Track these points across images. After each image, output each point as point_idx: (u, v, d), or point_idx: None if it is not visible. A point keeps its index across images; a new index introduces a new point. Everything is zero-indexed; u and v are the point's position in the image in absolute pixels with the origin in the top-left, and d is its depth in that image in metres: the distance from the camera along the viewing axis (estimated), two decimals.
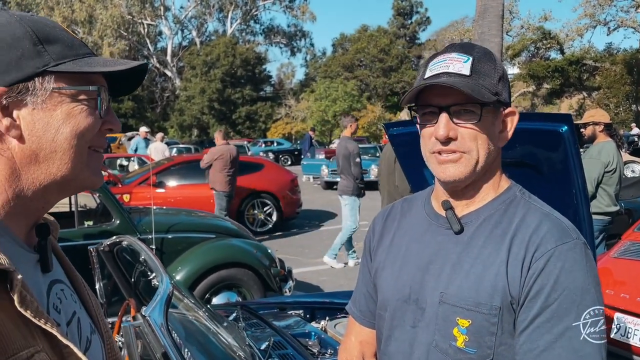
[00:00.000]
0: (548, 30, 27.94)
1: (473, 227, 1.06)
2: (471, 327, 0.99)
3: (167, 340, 1.43)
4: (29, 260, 0.77)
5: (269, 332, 2.35)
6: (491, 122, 1.03)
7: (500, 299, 0.98)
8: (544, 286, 0.95)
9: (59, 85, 0.74)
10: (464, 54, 1.01)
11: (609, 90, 23.55)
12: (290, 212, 9.55)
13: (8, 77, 0.71)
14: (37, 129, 0.73)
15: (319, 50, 56.85)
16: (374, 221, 1.27)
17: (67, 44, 0.76)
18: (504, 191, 1.09)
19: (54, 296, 0.79)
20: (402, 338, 1.10)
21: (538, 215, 1.03)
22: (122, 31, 39.70)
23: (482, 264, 1.01)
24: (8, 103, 0.72)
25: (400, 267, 1.13)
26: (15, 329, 0.66)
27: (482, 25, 8.81)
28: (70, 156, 0.75)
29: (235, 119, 39.75)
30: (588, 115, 4.74)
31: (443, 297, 1.03)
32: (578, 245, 0.98)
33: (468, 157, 1.02)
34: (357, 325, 1.27)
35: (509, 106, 1.06)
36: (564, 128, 1.96)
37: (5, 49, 0.71)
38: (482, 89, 0.99)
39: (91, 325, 0.87)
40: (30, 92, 0.72)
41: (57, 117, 0.74)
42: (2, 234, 0.71)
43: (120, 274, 2.52)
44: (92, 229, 4.43)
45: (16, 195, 0.74)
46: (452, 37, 33.86)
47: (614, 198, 4.53)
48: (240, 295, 4.57)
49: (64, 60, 0.75)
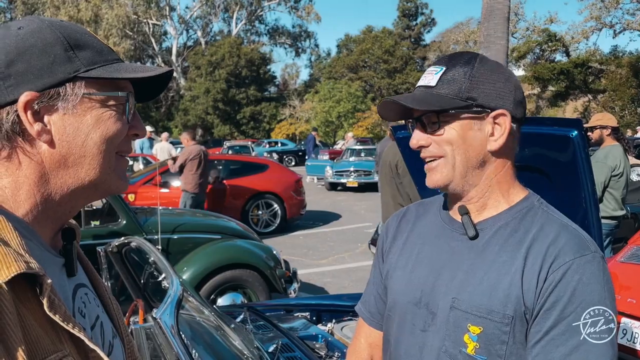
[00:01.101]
0: (554, 33, 27.86)
1: (488, 234, 1.06)
2: (482, 335, 0.99)
3: (177, 343, 1.43)
4: (56, 264, 0.77)
5: (276, 334, 2.35)
6: (467, 126, 1.03)
7: (514, 308, 0.97)
8: (560, 298, 0.95)
9: (89, 91, 0.75)
10: (441, 65, 1.06)
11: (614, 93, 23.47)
12: (295, 213, 9.55)
13: (40, 82, 0.72)
14: (67, 134, 0.74)
15: (324, 51, 56.99)
16: (388, 223, 1.27)
17: (97, 49, 0.77)
18: (522, 200, 1.08)
19: (78, 300, 0.80)
20: (411, 342, 1.10)
21: (556, 226, 1.03)
22: (127, 31, 39.81)
23: (497, 271, 1.01)
24: (39, 108, 0.72)
25: (412, 269, 1.13)
26: (44, 333, 0.66)
27: (488, 27, 8.78)
28: (99, 161, 0.76)
29: (240, 119, 39.79)
30: (595, 118, 4.73)
31: (455, 303, 1.03)
32: (596, 258, 0.98)
33: (444, 161, 1.05)
34: (367, 327, 1.27)
35: (497, 109, 1.03)
36: (574, 133, 1.95)
37: (37, 55, 0.72)
38: (440, 97, 1.02)
39: (113, 330, 0.88)
40: (61, 97, 0.73)
41: (87, 122, 0.75)
42: (30, 238, 0.72)
43: (128, 274, 2.53)
44: (99, 229, 4.45)
45: (44, 200, 0.75)
46: (457, 38, 33.83)
47: (620, 202, 4.52)
48: (245, 296, 4.58)
49: (94, 66, 0.75)
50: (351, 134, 22.02)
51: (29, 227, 0.73)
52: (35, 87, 0.71)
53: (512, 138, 1.06)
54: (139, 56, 43.85)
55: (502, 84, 1.04)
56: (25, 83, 0.71)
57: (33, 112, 0.72)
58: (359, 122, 33.58)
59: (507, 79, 1.05)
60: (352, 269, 6.94)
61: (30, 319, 0.65)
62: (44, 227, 0.76)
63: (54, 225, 0.78)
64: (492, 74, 1.04)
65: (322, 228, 9.89)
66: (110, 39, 38.01)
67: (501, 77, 1.05)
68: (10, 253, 0.64)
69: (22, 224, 0.72)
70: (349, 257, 7.56)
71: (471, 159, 1.04)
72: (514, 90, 1.06)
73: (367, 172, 15.08)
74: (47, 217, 0.76)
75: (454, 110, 1.02)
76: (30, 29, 0.74)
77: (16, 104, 0.71)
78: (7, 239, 0.66)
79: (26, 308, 0.65)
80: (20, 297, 0.65)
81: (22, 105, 0.71)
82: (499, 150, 1.05)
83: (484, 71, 1.04)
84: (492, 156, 1.06)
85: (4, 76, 0.71)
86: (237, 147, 23.18)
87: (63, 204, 0.77)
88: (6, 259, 0.63)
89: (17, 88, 0.71)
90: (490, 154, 1.05)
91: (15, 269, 0.63)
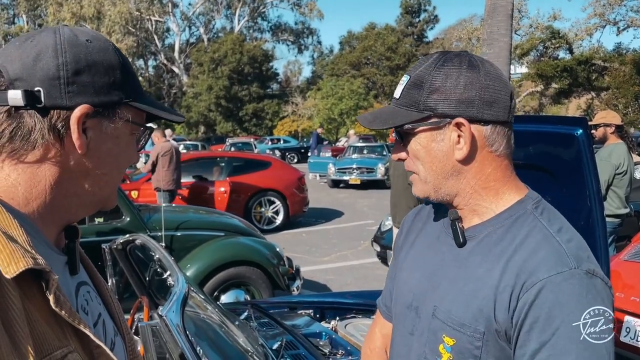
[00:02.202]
0: (557, 30, 27.73)
1: (474, 243, 1.02)
2: (455, 347, 0.98)
3: (183, 340, 1.44)
4: (59, 261, 0.78)
5: (280, 331, 2.36)
6: (430, 138, 0.99)
7: (485, 324, 0.94)
8: (537, 319, 0.89)
9: (130, 118, 0.81)
10: (408, 73, 1.02)
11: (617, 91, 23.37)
12: (297, 211, 9.56)
13: (97, 98, 0.76)
14: (101, 152, 0.78)
15: (326, 48, 57.02)
16: (404, 219, 1.27)
17: (137, 81, 0.84)
18: (513, 205, 1.01)
19: (81, 298, 0.81)
20: (402, 343, 1.12)
21: (539, 236, 0.95)
22: (130, 27, 39.82)
23: (474, 283, 0.97)
24: (87, 122, 0.76)
25: (410, 272, 1.13)
26: (49, 329, 0.67)
27: (491, 24, 8.76)
28: (113, 180, 0.83)
29: (242, 116, 39.81)
30: (599, 116, 4.72)
31: (435, 311, 1.02)
32: (576, 275, 0.89)
33: (417, 178, 1.04)
34: (382, 319, 1.28)
35: (456, 117, 0.97)
36: (580, 131, 1.95)
37: (101, 73, 0.76)
38: (399, 111, 1.01)
39: (114, 328, 0.89)
40: (109, 117, 0.78)
41: (120, 146, 0.81)
42: (35, 236, 0.73)
43: (132, 272, 2.54)
44: (103, 225, 4.46)
45: (53, 202, 0.76)
46: (460, 35, 33.72)
47: (624, 200, 4.51)
48: (248, 293, 4.59)
49: (136, 97, 0.81)
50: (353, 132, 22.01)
51: (33, 224, 0.74)
52: (92, 101, 0.75)
53: (488, 142, 0.99)
54: (142, 53, 43.89)
55: (462, 87, 0.96)
56: (84, 95, 0.74)
57: (80, 124, 0.75)
58: None
59: (469, 84, 0.96)
60: (355, 267, 6.94)
61: (36, 315, 0.66)
62: (49, 226, 0.78)
63: (58, 225, 0.80)
64: (451, 77, 0.97)
65: (324, 225, 9.90)
66: (112, 36, 38.04)
67: (462, 80, 0.96)
68: (18, 249, 0.65)
69: (28, 221, 0.73)
70: (351, 255, 7.57)
71: (440, 171, 1.01)
72: (479, 91, 0.96)
73: (369, 169, 15.08)
74: (53, 218, 0.78)
75: (410, 125, 0.99)
76: (99, 46, 0.78)
77: (69, 110, 0.73)
78: (14, 235, 0.67)
79: (32, 304, 0.66)
80: (27, 293, 0.66)
81: (77, 116, 0.74)
82: (466, 158, 0.99)
83: (444, 75, 0.97)
84: (463, 164, 1.00)
85: (68, 82, 0.73)
86: (240, 144, 23.21)
87: (69, 210, 0.80)
88: (14, 255, 0.64)
89: (76, 97, 0.74)
90: (460, 163, 0.99)
91: (23, 264, 0.64)
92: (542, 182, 1.92)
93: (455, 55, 1.01)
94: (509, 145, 1.02)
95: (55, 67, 0.73)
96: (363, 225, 9.62)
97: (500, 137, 1.00)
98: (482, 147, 0.99)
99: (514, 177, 1.04)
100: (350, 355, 2.21)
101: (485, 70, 0.99)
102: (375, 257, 6.61)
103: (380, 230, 6.57)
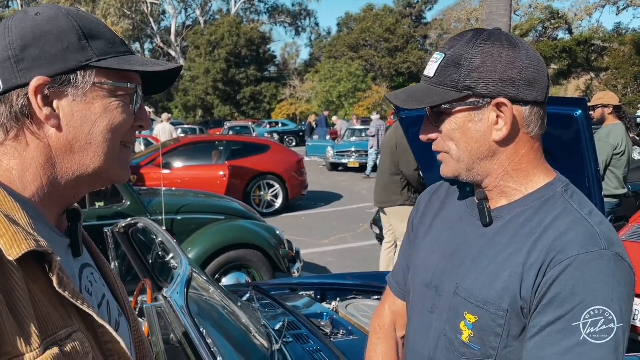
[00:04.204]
0: (556, 10, 27.53)
1: (501, 223, 1.01)
2: (477, 324, 0.98)
3: (188, 321, 1.46)
4: (62, 244, 0.79)
5: (282, 312, 2.39)
6: (467, 118, 0.97)
7: (509, 302, 0.94)
8: (559, 294, 0.89)
9: (100, 80, 0.77)
10: (442, 51, 0.99)
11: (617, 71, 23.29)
12: (297, 194, 9.59)
13: (52, 68, 0.74)
14: (75, 120, 0.76)
15: (324, 30, 56.49)
16: (420, 197, 1.26)
17: (110, 40, 0.79)
18: (542, 187, 1.01)
19: (85, 279, 0.82)
20: (421, 321, 1.12)
21: (571, 218, 0.95)
22: (125, 10, 39.38)
23: (501, 263, 0.97)
24: (50, 93, 0.74)
25: (430, 251, 1.13)
26: (53, 310, 0.68)
27: (490, 5, 8.69)
28: (104, 149, 0.78)
29: (240, 100, 39.63)
30: (597, 97, 4.72)
31: (457, 289, 1.02)
32: (605, 256, 0.89)
33: (448, 157, 1.02)
34: (392, 296, 1.28)
35: (498, 97, 0.95)
36: (579, 112, 1.96)
37: (52, 41, 0.74)
38: (434, 90, 0.97)
39: (118, 308, 0.90)
40: (72, 84, 0.75)
41: (95, 111, 0.77)
42: (37, 219, 0.73)
43: (135, 255, 2.56)
44: (103, 209, 4.48)
45: (50, 183, 0.77)
46: (459, 16, 33.47)
47: (622, 181, 4.53)
48: (249, 275, 4.63)
49: (106, 57, 0.77)
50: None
51: (35, 208, 0.75)
52: (47, 72, 0.73)
53: (526, 123, 0.98)
54: (138, 36, 43.47)
55: (504, 66, 0.94)
56: (38, 68, 0.73)
57: (43, 97, 0.74)
58: (359, 101, 33.44)
59: (510, 63, 0.94)
60: (355, 249, 6.99)
61: (40, 296, 0.67)
62: (50, 209, 0.78)
63: (59, 207, 0.80)
64: (492, 55, 0.94)
65: (323, 208, 9.94)
66: (108, 19, 37.63)
67: (504, 58, 0.94)
68: (20, 232, 0.66)
69: (29, 204, 0.74)
70: (350, 237, 7.61)
71: (476, 152, 0.99)
72: (521, 70, 0.94)
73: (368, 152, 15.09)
74: (53, 200, 0.78)
75: (448, 105, 0.97)
76: (47, 16, 0.76)
77: (27, 87, 0.73)
78: (17, 218, 0.68)
79: (36, 285, 0.67)
80: (30, 275, 0.67)
81: (33, 89, 0.73)
82: (505, 139, 0.97)
83: (484, 54, 0.94)
84: (499, 146, 0.98)
85: (17, 59, 0.73)
86: (238, 128, 23.14)
87: (68, 189, 0.79)
88: (17, 237, 0.65)
89: (29, 72, 0.73)
90: (497, 144, 0.98)
91: (25, 246, 0.65)
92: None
93: (492, 33, 0.98)
94: (542, 126, 1.01)
95: (3, 49, 0.73)
96: (362, 208, 9.66)
97: (536, 118, 0.99)
98: (520, 128, 0.98)
99: (544, 159, 1.03)
100: (352, 335, 2.25)
101: (525, 48, 0.97)
102: (375, 240, 6.65)
103: (378, 213, 6.59)
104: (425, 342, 1.09)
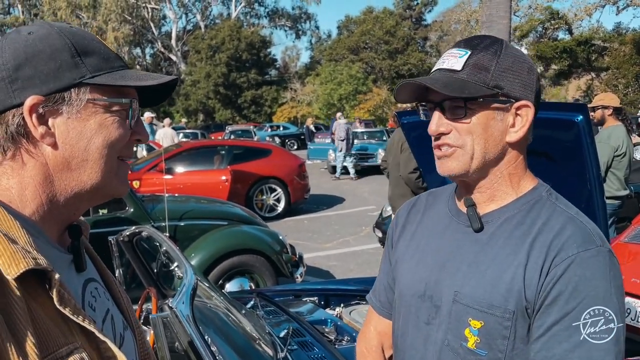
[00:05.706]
0: (556, 10, 27.51)
1: (493, 227, 1.03)
2: (483, 329, 0.98)
3: (193, 331, 1.47)
4: (64, 260, 0.80)
5: (286, 319, 2.39)
6: (490, 116, 0.99)
7: (515, 303, 0.95)
8: (562, 292, 0.92)
9: (94, 97, 0.77)
10: (465, 48, 1.01)
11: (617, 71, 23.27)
12: (299, 197, 9.59)
13: (46, 87, 0.75)
14: (70, 138, 0.77)
15: (324, 33, 56.36)
16: (398, 212, 1.26)
17: (103, 56, 0.80)
18: (529, 191, 1.05)
19: (88, 295, 0.83)
20: (416, 334, 1.10)
21: (562, 218, 0.99)
22: (126, 15, 39.49)
23: (499, 265, 0.99)
24: (44, 111, 0.75)
25: (418, 262, 1.12)
26: (55, 327, 0.69)
27: (490, 6, 8.71)
28: (101, 165, 0.79)
29: (241, 103, 39.67)
30: (597, 99, 4.72)
31: (457, 297, 1.02)
32: (602, 253, 0.94)
33: (461, 152, 1.01)
34: (376, 316, 1.26)
35: (521, 100, 0.99)
36: (580, 117, 1.97)
37: (44, 60, 0.75)
38: (468, 83, 0.97)
39: (123, 322, 0.91)
40: (66, 102, 0.76)
41: (90, 127, 0.77)
42: (37, 236, 0.74)
43: (139, 263, 2.57)
44: (107, 216, 4.49)
45: (49, 200, 0.77)
46: (459, 18, 33.46)
47: (623, 182, 4.53)
48: (252, 281, 4.64)
49: (100, 73, 0.78)
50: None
51: (35, 225, 0.76)
52: (41, 91, 0.74)
53: (531, 129, 1.03)
54: (139, 41, 43.61)
55: (527, 74, 1.00)
56: (31, 87, 0.74)
57: (38, 116, 0.74)
58: (360, 104, 33.46)
59: (530, 69, 1.01)
60: (357, 252, 6.99)
61: (41, 313, 0.68)
62: (50, 225, 0.79)
63: (60, 224, 0.81)
64: (516, 62, 1.00)
65: (326, 212, 9.94)
66: (109, 24, 37.76)
67: (525, 67, 1.01)
68: (19, 250, 0.67)
69: (29, 222, 0.75)
70: (353, 241, 7.61)
71: (490, 150, 1.01)
72: (536, 81, 1.02)
73: (370, 155, 15.09)
74: (53, 217, 0.79)
75: (483, 99, 0.98)
76: (40, 35, 0.76)
77: (22, 107, 0.73)
78: (16, 237, 0.69)
79: (37, 303, 0.68)
80: (31, 293, 0.68)
81: (28, 109, 0.73)
82: (517, 142, 1.02)
83: (510, 59, 0.99)
84: (509, 148, 1.02)
85: (11, 80, 0.74)
86: (240, 132, 23.16)
87: (67, 206, 0.80)
88: (15, 256, 0.66)
89: (23, 92, 0.74)
90: (508, 146, 1.02)
91: (24, 265, 0.65)
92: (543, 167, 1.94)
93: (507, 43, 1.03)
94: (531, 135, 1.06)
95: None
96: (364, 211, 9.66)
97: (533, 126, 1.04)
98: (527, 134, 1.03)
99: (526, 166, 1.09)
100: (356, 341, 2.25)
101: (535, 65, 1.04)
102: (377, 243, 6.65)
103: (381, 216, 6.60)
104: (423, 355, 1.08)
